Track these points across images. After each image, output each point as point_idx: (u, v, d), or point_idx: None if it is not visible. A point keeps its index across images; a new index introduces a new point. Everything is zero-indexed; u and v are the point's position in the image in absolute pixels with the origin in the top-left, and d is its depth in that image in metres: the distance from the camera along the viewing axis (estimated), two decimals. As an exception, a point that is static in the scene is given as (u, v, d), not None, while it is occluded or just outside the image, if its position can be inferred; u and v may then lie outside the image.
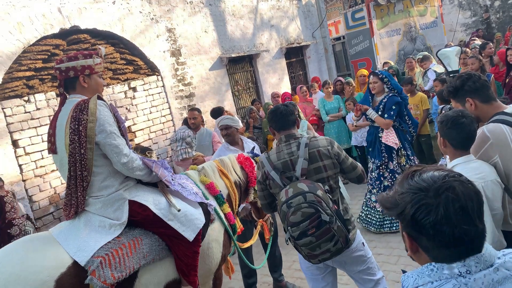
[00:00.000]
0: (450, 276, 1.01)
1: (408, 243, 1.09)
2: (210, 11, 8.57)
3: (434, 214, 0.99)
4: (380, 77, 4.62)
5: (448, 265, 1.02)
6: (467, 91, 2.26)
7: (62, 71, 2.30)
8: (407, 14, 12.21)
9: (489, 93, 2.27)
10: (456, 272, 1.01)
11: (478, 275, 0.99)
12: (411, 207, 1.02)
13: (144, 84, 7.18)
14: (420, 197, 1.02)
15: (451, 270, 1.02)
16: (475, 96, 2.25)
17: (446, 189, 1.00)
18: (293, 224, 2.17)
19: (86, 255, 2.12)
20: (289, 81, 10.33)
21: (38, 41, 5.78)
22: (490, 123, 2.19)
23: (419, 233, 1.04)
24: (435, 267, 1.04)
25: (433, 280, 1.02)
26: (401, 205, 1.05)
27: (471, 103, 2.25)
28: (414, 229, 1.04)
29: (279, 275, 4.00)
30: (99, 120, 2.20)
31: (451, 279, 1.01)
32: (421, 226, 1.01)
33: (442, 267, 1.03)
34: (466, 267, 1.01)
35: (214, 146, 5.02)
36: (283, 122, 2.58)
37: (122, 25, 6.85)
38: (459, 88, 2.29)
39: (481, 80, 2.26)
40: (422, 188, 1.03)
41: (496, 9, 17.10)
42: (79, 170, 2.20)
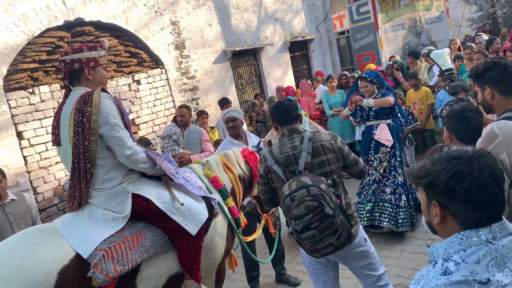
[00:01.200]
0: (479, 242, 1.06)
1: (439, 210, 1.13)
2: (214, 4, 8.54)
3: (469, 179, 1.06)
4: (369, 80, 4.54)
5: (475, 232, 1.07)
6: (487, 80, 2.17)
7: (67, 63, 2.30)
8: (412, 8, 12.10)
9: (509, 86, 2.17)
10: (484, 238, 1.06)
11: (504, 242, 1.05)
12: (446, 174, 1.08)
13: (148, 77, 7.18)
14: (454, 164, 1.08)
15: (479, 237, 1.06)
16: (495, 86, 2.16)
17: (478, 157, 1.08)
18: (296, 218, 2.17)
19: (89, 248, 2.13)
20: (293, 75, 10.31)
21: (42, 33, 5.78)
22: (500, 120, 2.15)
23: (451, 199, 1.09)
24: (464, 235, 1.08)
25: (464, 247, 1.07)
26: (434, 173, 1.10)
27: (489, 93, 2.17)
28: (447, 195, 1.09)
29: (281, 269, 4.02)
30: (103, 112, 2.20)
31: (481, 245, 1.05)
32: (454, 191, 1.07)
33: (471, 235, 1.07)
34: (492, 234, 1.06)
35: (202, 144, 4.95)
36: (286, 117, 2.58)
37: (126, 18, 6.84)
38: (480, 75, 2.20)
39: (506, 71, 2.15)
40: (455, 157, 1.09)
41: (502, 3, 16.93)
42: (82, 162, 2.20)
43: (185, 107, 5.46)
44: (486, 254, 1.04)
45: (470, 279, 1.02)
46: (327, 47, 11.43)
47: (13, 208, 3.41)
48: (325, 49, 11.39)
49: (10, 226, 3.25)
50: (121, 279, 2.20)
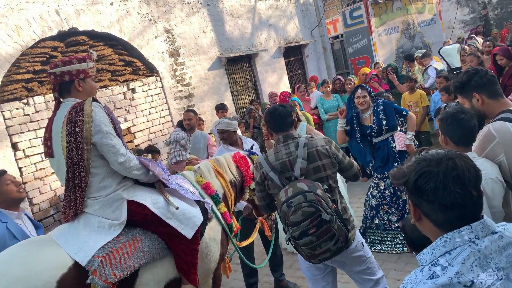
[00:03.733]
0: (462, 243, 1.10)
1: (412, 210, 1.20)
2: (208, 11, 8.57)
3: (434, 180, 1.12)
4: (368, 92, 4.33)
5: (458, 233, 1.11)
6: (474, 86, 2.20)
7: (57, 76, 2.32)
8: (405, 11, 12.20)
9: (496, 89, 2.21)
10: (467, 238, 1.10)
11: (486, 242, 1.09)
12: (415, 174, 1.16)
13: (143, 85, 7.18)
14: (423, 165, 1.15)
15: (462, 238, 1.10)
16: (482, 91, 2.19)
17: (447, 159, 1.14)
18: (294, 224, 2.17)
19: (86, 255, 2.14)
20: (288, 80, 10.33)
21: (36, 43, 5.78)
22: (496, 121, 2.16)
23: (421, 198, 1.16)
24: (447, 237, 1.12)
25: (449, 249, 1.10)
26: (406, 174, 1.19)
27: (478, 99, 2.20)
28: (417, 195, 1.17)
29: (280, 275, 4.00)
30: (95, 121, 2.22)
31: (465, 246, 1.09)
32: (422, 191, 1.14)
33: (454, 236, 1.11)
34: (474, 233, 1.10)
35: (209, 149, 4.98)
36: (281, 123, 2.58)
37: (120, 27, 6.85)
38: (465, 83, 2.23)
39: (488, 75, 2.20)
40: (426, 159, 1.17)
41: (494, 5, 17.09)
42: (77, 171, 2.22)
43: (192, 111, 5.47)
44: (470, 255, 1.07)
45: (455, 282, 1.04)
46: (321, 52, 11.48)
47: None
48: (319, 53, 11.44)
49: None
50: (120, 285, 2.21)
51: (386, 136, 4.27)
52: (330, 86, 7.22)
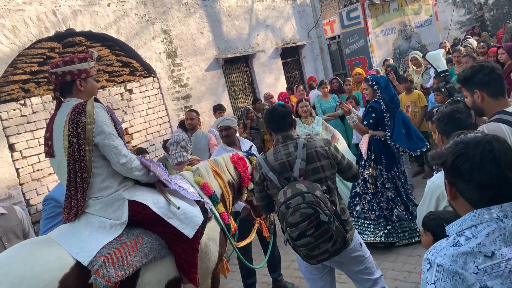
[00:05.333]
0: (490, 219, 1.16)
1: (448, 188, 1.28)
2: (205, 12, 8.57)
3: (471, 161, 1.19)
4: (370, 84, 4.47)
5: (487, 211, 1.17)
6: (476, 83, 2.20)
7: (58, 75, 2.30)
8: (401, 12, 12.25)
9: (499, 88, 2.19)
10: (495, 216, 1.16)
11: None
12: (453, 155, 1.23)
13: (141, 86, 7.18)
14: (461, 147, 1.22)
15: (490, 215, 1.17)
16: (484, 89, 2.18)
17: (484, 142, 1.20)
18: (292, 225, 2.18)
19: (88, 255, 2.14)
20: (286, 81, 10.35)
21: (33, 44, 5.76)
22: (490, 122, 2.17)
23: (457, 178, 1.23)
24: (476, 213, 1.19)
25: (476, 223, 1.18)
26: (444, 155, 1.26)
27: (479, 96, 2.20)
28: (453, 175, 1.24)
29: (278, 275, 4.01)
30: (97, 121, 2.21)
31: (491, 222, 1.16)
32: (459, 171, 1.21)
33: (483, 213, 1.18)
34: (503, 212, 1.16)
35: (210, 149, 4.98)
36: (281, 124, 2.58)
37: (118, 27, 6.84)
38: (468, 78, 2.23)
39: (494, 73, 2.18)
40: (464, 142, 1.23)
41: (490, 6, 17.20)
42: (78, 172, 2.21)
43: (194, 111, 5.46)
44: (495, 230, 1.14)
45: (476, 251, 1.12)
46: (318, 53, 11.51)
47: (3, 221, 3.34)
48: (316, 54, 11.47)
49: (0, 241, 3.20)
50: (122, 285, 2.21)
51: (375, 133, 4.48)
52: (328, 87, 7.24)
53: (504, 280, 1.09)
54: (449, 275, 1.13)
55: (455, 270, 1.12)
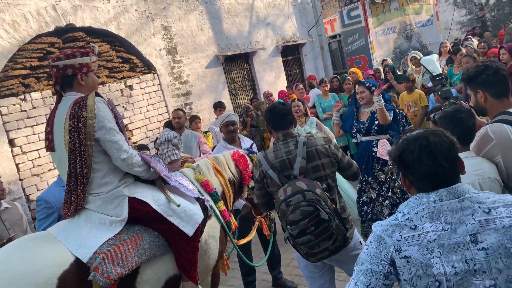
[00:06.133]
0: (427, 202, 1.38)
1: (402, 180, 1.49)
2: (206, 9, 8.55)
3: (412, 155, 1.39)
4: (367, 86, 4.24)
5: (426, 195, 1.39)
6: (479, 83, 2.19)
7: (59, 69, 2.29)
8: (402, 12, 12.25)
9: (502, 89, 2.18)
10: (432, 200, 1.38)
11: (445, 203, 1.36)
12: (398, 151, 1.44)
13: (141, 82, 7.16)
14: (404, 144, 1.43)
15: (428, 199, 1.39)
16: (487, 89, 2.18)
17: (422, 138, 1.39)
18: (292, 223, 2.17)
19: (88, 252, 2.13)
20: (286, 79, 10.34)
21: (33, 39, 5.74)
22: (494, 123, 2.17)
23: (405, 170, 1.44)
24: (418, 197, 1.42)
25: (415, 205, 1.41)
26: (394, 152, 1.47)
27: (482, 96, 2.20)
28: (402, 167, 1.45)
29: (278, 273, 4.01)
30: (98, 116, 2.20)
31: (426, 204, 1.38)
32: (405, 164, 1.42)
33: (422, 197, 1.40)
34: (438, 196, 1.37)
35: (201, 147, 4.98)
36: (281, 122, 2.58)
37: (118, 23, 6.82)
38: (472, 78, 2.23)
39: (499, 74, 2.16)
40: (407, 139, 1.44)
41: (491, 7, 17.20)
42: (79, 167, 2.20)
43: (181, 110, 5.48)
44: (425, 209, 1.37)
45: (403, 224, 1.39)
46: (319, 51, 11.50)
47: (8, 215, 3.39)
48: (317, 53, 11.46)
49: (7, 233, 3.23)
50: (121, 282, 2.20)
51: (372, 138, 4.21)
52: (328, 85, 7.24)
53: (421, 248, 1.33)
54: (377, 239, 1.41)
55: (381, 236, 1.40)
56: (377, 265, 1.37)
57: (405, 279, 1.34)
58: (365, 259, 1.42)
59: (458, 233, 1.31)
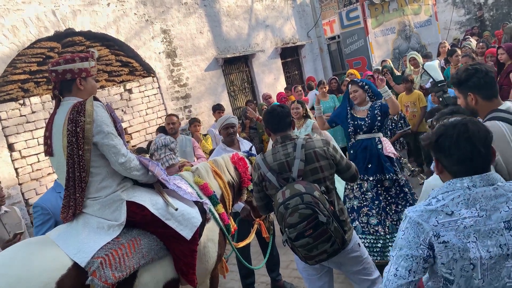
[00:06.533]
0: (460, 188, 1.44)
1: (436, 164, 1.56)
2: (205, 12, 8.57)
3: (449, 139, 1.46)
4: (360, 85, 4.10)
5: (460, 180, 1.45)
6: (470, 87, 2.22)
7: (58, 73, 2.29)
8: (401, 12, 12.25)
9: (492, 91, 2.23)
10: (465, 185, 1.44)
11: (480, 189, 1.42)
12: (435, 136, 1.50)
13: (140, 86, 7.18)
14: (442, 129, 1.50)
15: (462, 184, 1.44)
16: (478, 92, 2.21)
17: (460, 125, 1.46)
18: (291, 226, 2.18)
19: (86, 256, 2.13)
20: (285, 81, 10.35)
21: (32, 44, 5.77)
22: (486, 121, 2.18)
23: (440, 154, 1.50)
24: (451, 182, 1.47)
25: (448, 190, 1.47)
26: (430, 137, 1.54)
27: (473, 98, 2.22)
28: (437, 152, 1.51)
29: (276, 275, 4.01)
30: (96, 121, 2.21)
31: (460, 190, 1.44)
32: (441, 148, 1.49)
33: (456, 182, 1.46)
34: (472, 182, 1.43)
35: (195, 152, 4.99)
36: (280, 124, 2.59)
37: (117, 27, 6.84)
38: (463, 82, 2.25)
39: (488, 76, 2.21)
40: (444, 125, 1.51)
41: (489, 6, 17.21)
42: (77, 171, 2.21)
43: (175, 115, 5.49)
44: (461, 195, 1.43)
45: (439, 209, 1.44)
46: (318, 53, 11.51)
47: (8, 219, 3.41)
48: (316, 54, 11.47)
49: (8, 236, 3.24)
50: (119, 286, 2.21)
51: (373, 136, 4.05)
52: (326, 87, 7.24)
53: (458, 233, 1.39)
54: (414, 225, 1.46)
55: (418, 221, 1.45)
56: (416, 250, 1.43)
57: (442, 262, 1.41)
58: (404, 244, 1.46)
59: (492, 219, 1.39)
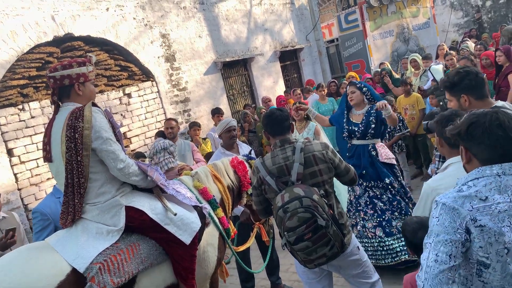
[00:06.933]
0: (490, 174, 1.47)
1: (464, 153, 1.57)
2: (204, 16, 8.60)
3: (481, 127, 1.48)
4: (358, 87, 4.02)
5: (489, 167, 1.47)
6: (463, 88, 2.28)
7: (56, 79, 2.30)
8: (399, 15, 12.28)
9: (483, 91, 2.29)
10: (495, 172, 1.46)
11: (510, 177, 1.45)
12: (466, 124, 1.53)
13: (139, 90, 7.18)
14: (473, 117, 1.52)
15: (491, 171, 1.47)
16: (470, 93, 2.27)
17: (491, 113, 1.50)
18: (290, 229, 2.18)
19: (84, 262, 2.13)
20: (284, 84, 10.37)
21: (32, 49, 5.78)
22: None
23: (471, 142, 1.52)
24: (481, 169, 1.49)
25: (478, 177, 1.49)
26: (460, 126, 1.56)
27: (466, 100, 2.27)
28: (468, 140, 1.53)
29: (276, 278, 4.01)
30: (95, 127, 2.22)
31: (491, 177, 1.46)
32: (472, 136, 1.51)
33: (485, 169, 1.48)
34: (502, 169, 1.46)
35: (194, 155, 5.01)
36: (279, 127, 2.59)
37: (116, 32, 6.86)
38: (455, 84, 2.30)
39: (478, 77, 2.28)
40: (475, 114, 1.54)
41: (487, 9, 17.25)
42: (76, 177, 2.21)
43: (174, 120, 5.50)
44: (492, 182, 1.45)
45: (473, 195, 1.46)
46: (317, 56, 11.53)
47: (6, 225, 3.39)
48: (315, 57, 11.49)
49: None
50: None
51: (367, 142, 4.00)
52: (325, 90, 7.26)
53: (492, 217, 1.42)
54: (449, 210, 1.47)
55: (454, 207, 1.46)
56: (454, 234, 1.44)
57: (480, 246, 1.43)
58: (441, 230, 1.47)
59: None
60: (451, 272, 1.43)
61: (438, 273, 1.43)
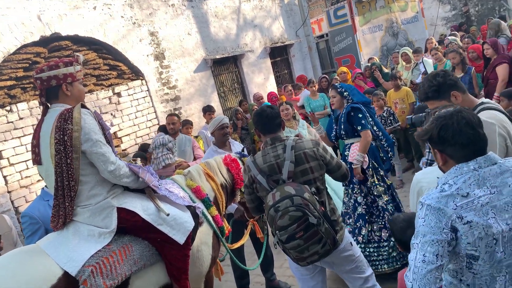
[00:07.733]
0: (468, 171, 1.53)
1: (439, 156, 1.62)
2: (193, 13, 8.54)
3: (451, 128, 1.54)
4: (339, 91, 3.96)
5: (466, 164, 1.53)
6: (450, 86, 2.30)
7: (43, 80, 2.27)
8: (388, 10, 12.33)
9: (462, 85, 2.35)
10: (472, 168, 1.53)
11: (486, 169, 1.52)
12: (436, 128, 1.57)
13: (129, 89, 7.13)
14: (441, 121, 1.57)
15: (468, 167, 1.53)
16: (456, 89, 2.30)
17: (456, 113, 1.56)
18: (281, 228, 2.18)
19: (76, 265, 2.11)
20: (275, 81, 10.36)
21: (18, 49, 5.70)
22: (481, 112, 2.22)
23: (444, 145, 1.57)
24: (458, 167, 1.55)
25: (457, 175, 1.55)
26: (429, 130, 1.60)
27: (456, 96, 2.29)
28: (441, 143, 1.58)
29: (271, 275, 4.02)
30: (84, 129, 2.19)
31: (469, 172, 1.52)
32: (444, 139, 1.56)
33: (462, 166, 1.54)
34: (477, 163, 1.52)
35: (195, 151, 4.99)
36: (269, 125, 2.59)
37: (104, 31, 6.79)
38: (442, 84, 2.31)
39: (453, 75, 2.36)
40: (441, 116, 1.59)
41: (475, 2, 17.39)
42: (66, 180, 2.19)
43: (176, 115, 5.46)
44: (471, 177, 1.51)
45: (455, 193, 1.51)
46: (307, 51, 11.54)
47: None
48: (305, 53, 11.49)
49: None
50: None
51: (346, 142, 3.99)
52: (316, 85, 7.27)
53: (477, 212, 1.47)
54: (435, 211, 1.51)
55: (439, 207, 1.51)
56: (440, 234, 1.48)
57: (468, 242, 1.47)
58: (427, 231, 1.51)
59: (504, 194, 1.49)
60: (439, 271, 1.48)
61: (426, 273, 1.47)
